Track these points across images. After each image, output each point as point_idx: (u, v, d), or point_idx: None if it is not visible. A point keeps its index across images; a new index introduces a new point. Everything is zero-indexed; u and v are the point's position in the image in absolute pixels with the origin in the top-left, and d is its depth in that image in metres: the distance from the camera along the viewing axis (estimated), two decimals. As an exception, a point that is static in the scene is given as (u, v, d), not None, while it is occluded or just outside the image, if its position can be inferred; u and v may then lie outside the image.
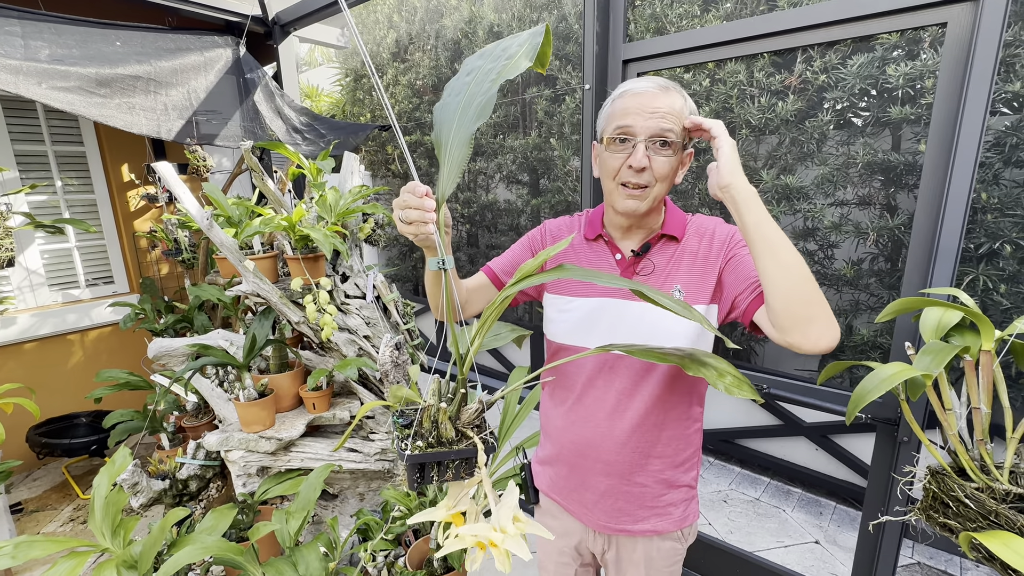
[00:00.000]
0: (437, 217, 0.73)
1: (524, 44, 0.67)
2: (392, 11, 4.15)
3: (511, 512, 0.65)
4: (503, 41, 0.71)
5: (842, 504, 2.56)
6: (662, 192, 0.93)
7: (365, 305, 2.05)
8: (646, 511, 1.02)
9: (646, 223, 1.00)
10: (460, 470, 0.70)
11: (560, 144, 3.26)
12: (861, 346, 2.32)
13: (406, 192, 0.74)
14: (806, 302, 0.75)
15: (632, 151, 0.88)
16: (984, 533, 0.83)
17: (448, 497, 0.73)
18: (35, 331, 2.90)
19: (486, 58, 0.71)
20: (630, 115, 0.88)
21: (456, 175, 0.66)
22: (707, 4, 2.39)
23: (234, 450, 1.84)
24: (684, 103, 0.90)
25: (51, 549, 1.17)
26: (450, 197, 0.75)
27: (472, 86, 0.67)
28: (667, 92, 0.89)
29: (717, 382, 0.72)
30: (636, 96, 0.89)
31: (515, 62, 0.65)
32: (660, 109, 0.87)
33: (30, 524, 2.46)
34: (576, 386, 1.02)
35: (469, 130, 0.64)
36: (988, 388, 0.91)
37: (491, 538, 0.63)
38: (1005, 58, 1.72)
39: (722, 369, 0.75)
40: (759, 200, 0.79)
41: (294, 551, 1.45)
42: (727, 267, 0.94)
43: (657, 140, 0.87)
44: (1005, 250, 1.82)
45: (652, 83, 0.89)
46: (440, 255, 0.73)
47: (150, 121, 2.28)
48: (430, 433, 0.71)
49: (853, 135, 2.16)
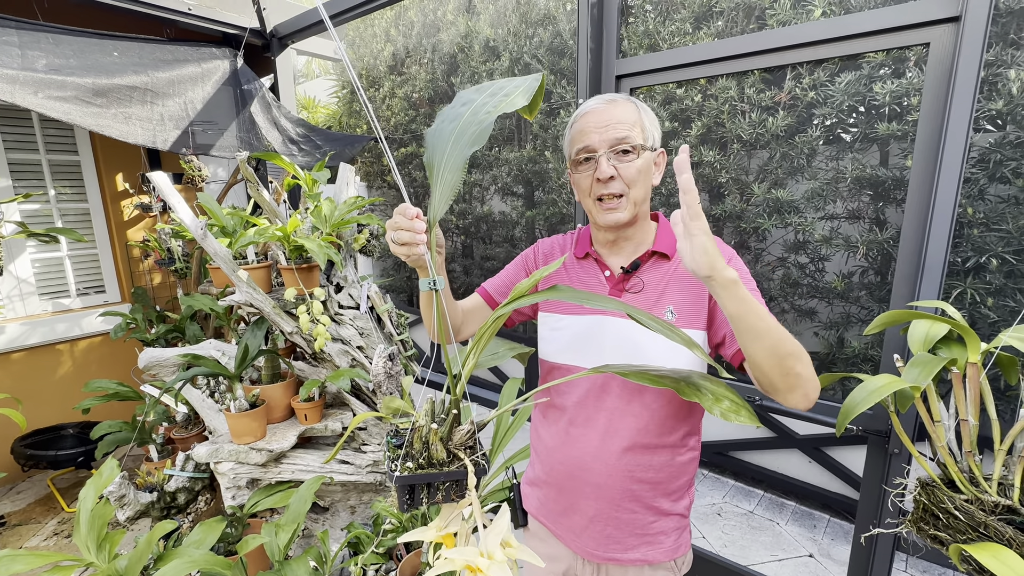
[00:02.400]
0: (428, 238, 0.74)
1: (520, 86, 0.71)
2: (389, 25, 4.21)
3: (499, 537, 0.64)
4: (500, 81, 0.75)
5: (836, 517, 2.56)
6: (639, 196, 0.93)
7: (359, 316, 2.04)
8: (636, 539, 0.99)
9: (634, 236, 1.00)
10: (451, 492, 0.69)
11: (555, 157, 3.29)
12: (852, 358, 2.33)
13: (397, 214, 0.75)
14: (785, 375, 0.76)
15: (597, 165, 0.92)
16: (974, 545, 0.83)
17: (439, 517, 0.72)
18: (24, 340, 2.86)
19: (482, 93, 0.73)
20: (586, 134, 0.92)
21: (449, 198, 0.67)
22: (699, 22, 2.44)
23: (224, 462, 1.81)
24: (637, 111, 0.93)
25: (34, 564, 1.15)
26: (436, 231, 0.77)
27: (468, 116, 0.69)
28: (615, 104, 0.92)
29: (713, 407, 0.71)
30: (586, 116, 0.93)
31: (512, 99, 0.69)
32: (611, 121, 0.91)
33: (13, 538, 2.41)
34: (567, 405, 1.01)
35: (464, 155, 0.66)
36: (975, 400, 0.92)
37: (477, 563, 0.61)
38: (988, 77, 1.77)
39: (719, 393, 0.74)
40: (740, 285, 0.72)
41: (283, 565, 1.42)
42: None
43: (617, 148, 0.91)
44: (992, 264, 1.85)
45: (600, 100, 0.94)
46: (431, 276, 0.74)
47: (146, 131, 2.28)
48: (421, 454, 0.70)
49: (842, 150, 2.20)
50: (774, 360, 0.75)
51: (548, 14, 3.26)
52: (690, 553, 1.07)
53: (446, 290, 0.92)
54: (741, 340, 0.76)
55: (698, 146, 2.51)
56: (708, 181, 2.53)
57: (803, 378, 0.76)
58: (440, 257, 0.83)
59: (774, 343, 0.74)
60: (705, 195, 2.60)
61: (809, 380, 0.77)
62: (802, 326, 2.48)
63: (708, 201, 2.59)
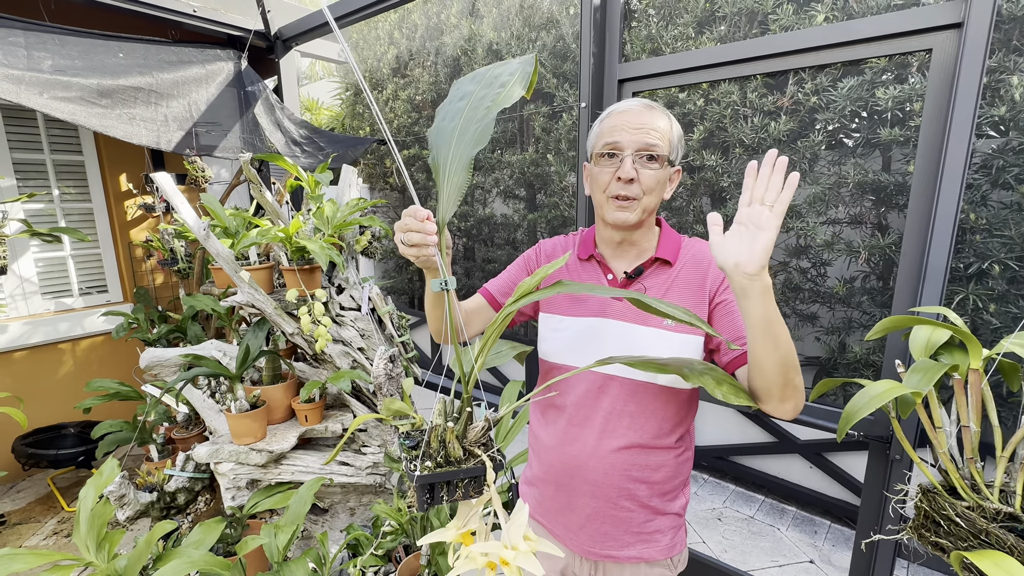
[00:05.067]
0: (439, 240, 0.75)
1: (516, 73, 0.70)
2: (393, 28, 4.22)
3: (522, 529, 0.65)
4: (495, 67, 0.73)
5: (836, 523, 2.55)
6: (651, 204, 0.94)
7: (360, 317, 2.04)
8: (632, 536, 1.00)
9: (638, 241, 1.01)
10: (469, 489, 0.70)
11: (557, 160, 3.29)
12: (853, 363, 2.33)
13: (407, 216, 0.75)
14: (785, 385, 0.78)
15: (620, 164, 0.92)
16: (975, 552, 0.83)
17: (457, 517, 0.73)
18: (26, 340, 2.87)
19: (478, 83, 0.72)
20: (617, 131, 0.92)
21: (456, 199, 0.67)
22: (701, 26, 2.44)
23: (224, 462, 1.81)
24: (669, 123, 0.94)
25: (33, 563, 1.15)
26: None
27: (467, 111, 0.69)
28: (651, 110, 0.93)
29: (715, 390, 0.74)
30: (622, 114, 0.93)
31: (508, 91, 0.68)
32: (645, 125, 0.91)
33: (12, 537, 2.41)
34: (566, 405, 1.02)
35: (468, 155, 0.66)
36: (977, 406, 0.92)
37: (503, 555, 0.62)
38: (990, 83, 1.77)
39: (719, 378, 0.77)
40: (772, 294, 0.73)
41: (282, 566, 1.42)
42: (717, 309, 0.94)
43: (644, 154, 0.91)
44: (994, 270, 1.84)
45: (637, 102, 0.94)
46: (443, 276, 0.74)
47: (150, 132, 2.29)
48: (438, 453, 0.70)
49: (844, 155, 2.20)
50: (781, 370, 0.76)
51: (551, 18, 3.27)
52: (686, 551, 1.08)
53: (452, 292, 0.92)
54: (758, 346, 0.76)
55: (700, 150, 2.52)
56: (710, 185, 2.54)
57: (799, 390, 0.79)
58: (447, 258, 0.84)
59: (787, 354, 0.76)
60: (707, 199, 2.60)
61: (802, 392, 0.80)
62: (803, 331, 2.47)
63: (711, 205, 2.59)
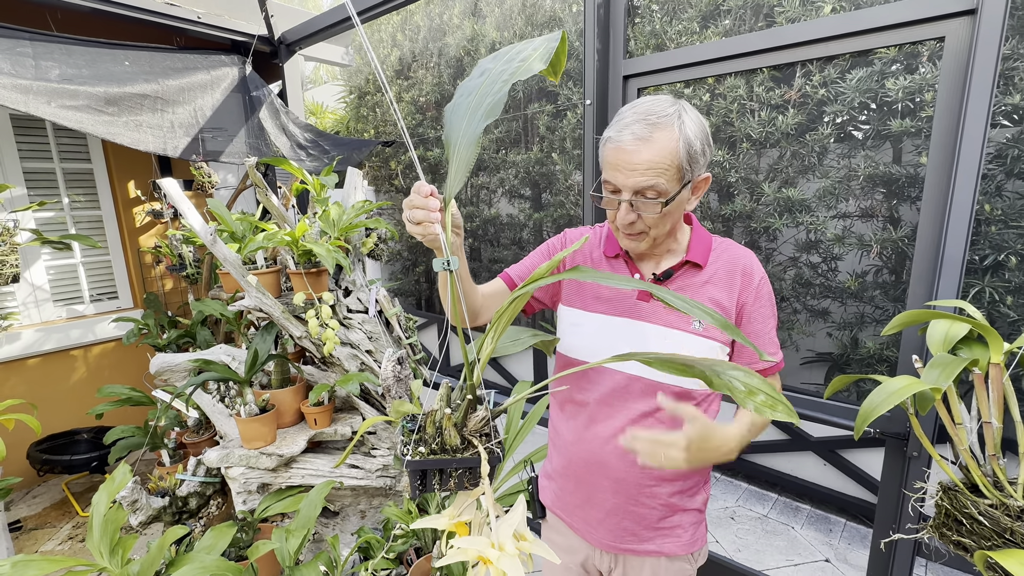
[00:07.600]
0: (443, 217, 0.71)
1: (539, 48, 0.65)
2: (396, 30, 4.23)
3: (512, 529, 0.62)
4: (518, 45, 0.70)
5: (852, 521, 2.51)
6: (662, 232, 0.92)
7: (367, 319, 2.04)
8: (652, 531, 1.00)
9: (660, 248, 0.99)
10: (463, 480, 0.68)
11: (562, 159, 3.28)
12: (867, 359, 2.29)
13: (413, 192, 0.73)
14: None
15: (619, 206, 0.88)
16: (1000, 552, 0.81)
17: (453, 506, 0.71)
18: (39, 347, 2.90)
19: (499, 60, 0.69)
20: (613, 170, 0.87)
21: (464, 174, 0.64)
22: (706, 21, 2.42)
23: (235, 467, 1.82)
24: (678, 143, 0.83)
25: (48, 569, 1.16)
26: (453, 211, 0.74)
27: (484, 86, 0.65)
28: (648, 144, 0.82)
29: (746, 400, 0.61)
30: (617, 151, 0.85)
31: (528, 64, 0.63)
32: (640, 166, 0.83)
33: (28, 542, 2.44)
34: (589, 401, 1.01)
35: (477, 129, 0.62)
36: (998, 402, 0.90)
37: (487, 554, 0.59)
38: (1004, 71, 1.73)
39: (753, 386, 0.63)
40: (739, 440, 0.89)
41: (294, 570, 1.42)
42: (742, 316, 0.95)
43: (642, 195, 0.86)
44: (1011, 262, 1.81)
45: (636, 132, 0.83)
46: (445, 255, 0.70)
47: (157, 138, 2.31)
48: (434, 439, 0.68)
49: (854, 148, 2.17)
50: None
51: (554, 16, 3.25)
52: (706, 547, 1.08)
53: (465, 273, 0.89)
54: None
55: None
56: (717, 181, 2.51)
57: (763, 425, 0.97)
58: (459, 238, 0.79)
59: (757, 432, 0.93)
60: (715, 195, 2.57)
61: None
62: (815, 327, 2.44)
63: (718, 201, 2.57)
